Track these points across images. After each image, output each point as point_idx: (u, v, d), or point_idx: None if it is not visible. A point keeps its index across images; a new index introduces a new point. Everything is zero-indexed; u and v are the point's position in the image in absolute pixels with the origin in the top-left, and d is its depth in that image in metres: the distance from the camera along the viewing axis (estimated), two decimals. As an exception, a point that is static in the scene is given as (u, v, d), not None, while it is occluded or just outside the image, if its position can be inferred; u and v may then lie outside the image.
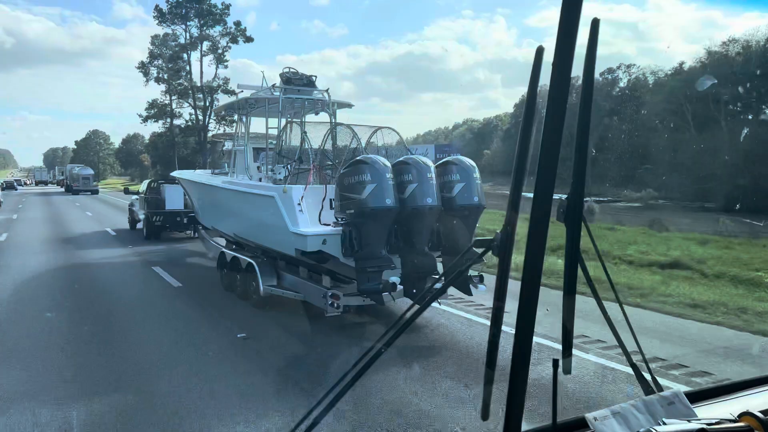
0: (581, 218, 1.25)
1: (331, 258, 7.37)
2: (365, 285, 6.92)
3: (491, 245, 1.21)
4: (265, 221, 8.53)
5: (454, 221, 7.46)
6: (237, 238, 10.41)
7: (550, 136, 1.18)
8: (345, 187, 6.97)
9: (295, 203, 7.65)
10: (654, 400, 1.22)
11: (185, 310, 9.29)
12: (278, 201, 7.85)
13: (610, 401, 4.91)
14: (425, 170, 7.14)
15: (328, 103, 9.92)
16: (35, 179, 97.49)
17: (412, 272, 7.23)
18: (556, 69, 1.16)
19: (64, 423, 4.91)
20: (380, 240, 6.97)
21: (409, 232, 7.17)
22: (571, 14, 1.16)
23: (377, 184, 6.77)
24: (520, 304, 1.19)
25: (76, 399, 5.32)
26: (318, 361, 6.54)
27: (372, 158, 7.11)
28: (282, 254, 8.57)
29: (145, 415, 5.02)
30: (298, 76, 9.73)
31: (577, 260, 1.27)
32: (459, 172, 7.48)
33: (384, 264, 6.94)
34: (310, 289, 8.02)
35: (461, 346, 7.08)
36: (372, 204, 6.74)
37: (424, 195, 7.01)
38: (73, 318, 8.64)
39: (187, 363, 6.46)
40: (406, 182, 7.07)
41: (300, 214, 7.63)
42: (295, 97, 9.61)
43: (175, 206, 17.26)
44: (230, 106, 12.05)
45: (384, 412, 4.93)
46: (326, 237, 7.31)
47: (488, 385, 1.25)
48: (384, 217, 6.86)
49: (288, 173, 8.71)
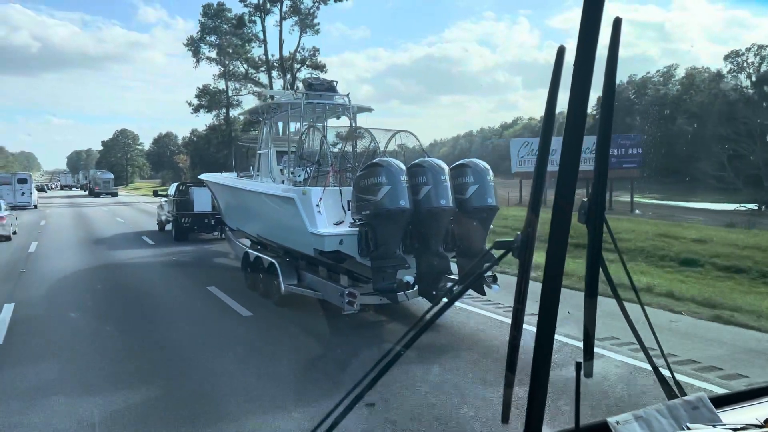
0: (603, 219, 1.19)
1: (348, 257, 7.34)
2: (380, 284, 6.88)
3: (512, 247, 1.15)
4: (286, 222, 8.53)
5: (469, 222, 7.38)
6: (260, 238, 10.42)
7: (571, 137, 1.11)
8: (361, 188, 6.93)
9: (313, 205, 7.63)
10: (678, 405, 1.14)
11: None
12: (298, 202, 7.83)
13: (633, 405, 4.60)
14: (439, 173, 7.08)
15: (348, 108, 9.91)
16: (60, 183, 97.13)
17: (426, 272, 7.18)
18: (577, 69, 1.10)
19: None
20: (395, 240, 6.92)
21: (424, 232, 7.11)
22: (592, 14, 1.09)
23: (392, 186, 6.72)
24: (541, 306, 1.13)
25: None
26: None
27: (387, 161, 7.07)
28: (302, 254, 8.55)
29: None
30: (320, 81, 9.75)
31: (599, 262, 1.20)
32: (473, 174, 7.41)
33: (399, 263, 6.89)
34: (329, 288, 7.99)
35: (480, 347, 6.83)
36: (387, 205, 6.69)
37: (438, 197, 6.95)
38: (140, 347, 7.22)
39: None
40: (421, 184, 7.01)
41: (318, 215, 7.61)
42: (317, 102, 9.62)
43: (203, 208, 17.21)
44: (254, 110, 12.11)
45: (402, 413, 4.76)
46: (343, 237, 7.28)
47: (508, 387, 1.19)
48: (398, 218, 6.81)
49: (308, 176, 8.71)
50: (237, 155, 13.00)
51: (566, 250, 1.13)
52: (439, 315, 1.20)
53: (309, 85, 9.66)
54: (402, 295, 7.30)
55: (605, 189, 1.20)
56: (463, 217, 7.33)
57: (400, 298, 7.40)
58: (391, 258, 6.86)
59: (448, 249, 7.42)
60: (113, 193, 58.75)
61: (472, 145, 71.69)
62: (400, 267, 6.92)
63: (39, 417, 4.78)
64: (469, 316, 8.03)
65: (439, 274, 7.23)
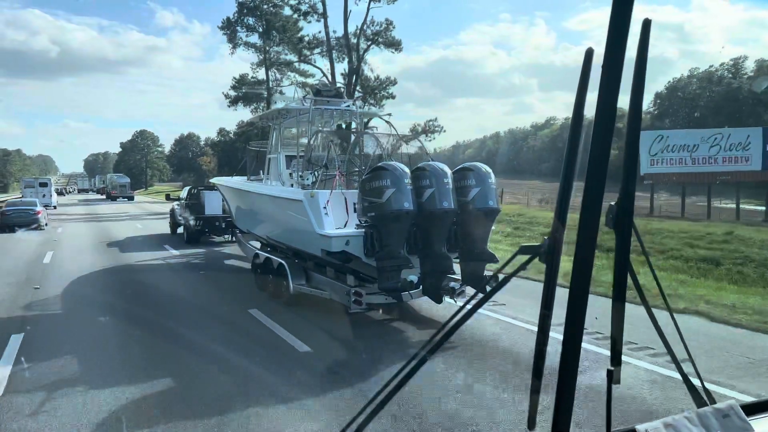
0: (631, 224, 1.13)
1: (355, 258, 7.31)
2: (385, 283, 6.87)
3: (538, 252, 1.09)
4: (294, 224, 8.50)
5: (471, 224, 7.36)
6: (270, 240, 10.38)
7: (599, 141, 1.06)
8: (366, 191, 6.93)
9: (321, 207, 7.61)
10: (708, 413, 1.08)
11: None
12: (306, 205, 7.81)
13: (662, 413, 4.08)
14: (442, 176, 7.07)
15: (356, 114, 9.90)
16: (77, 188, 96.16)
17: (430, 272, 7.15)
18: (605, 72, 1.04)
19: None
20: (399, 241, 6.89)
21: (427, 233, 7.08)
22: (621, 16, 1.04)
23: (396, 188, 6.72)
24: (568, 312, 1.07)
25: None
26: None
27: (392, 165, 7.07)
28: (310, 255, 8.52)
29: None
30: (328, 87, 9.78)
31: (627, 267, 1.14)
32: (475, 177, 7.39)
33: (403, 263, 6.87)
34: (336, 287, 7.96)
35: (505, 352, 6.56)
36: (391, 207, 6.69)
37: (441, 199, 6.94)
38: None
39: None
40: (425, 187, 7.00)
41: (325, 217, 7.60)
42: (324, 108, 9.60)
43: (214, 211, 17.12)
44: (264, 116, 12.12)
45: (426, 420, 4.60)
46: (349, 238, 7.28)
47: (535, 393, 1.13)
48: (402, 220, 6.80)
49: (315, 179, 8.69)
50: (248, 159, 12.97)
51: (594, 255, 1.07)
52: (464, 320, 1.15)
53: (317, 92, 9.74)
54: (406, 294, 7.28)
55: (634, 192, 1.14)
56: (466, 219, 7.30)
57: (405, 297, 7.39)
58: (396, 258, 6.83)
59: (451, 250, 7.39)
60: (129, 197, 59.14)
61: (500, 146, 68.06)
62: (404, 267, 6.90)
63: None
64: (494, 323, 7.76)
65: (442, 273, 7.20)
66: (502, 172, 59.49)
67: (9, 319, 8.26)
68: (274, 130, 10.79)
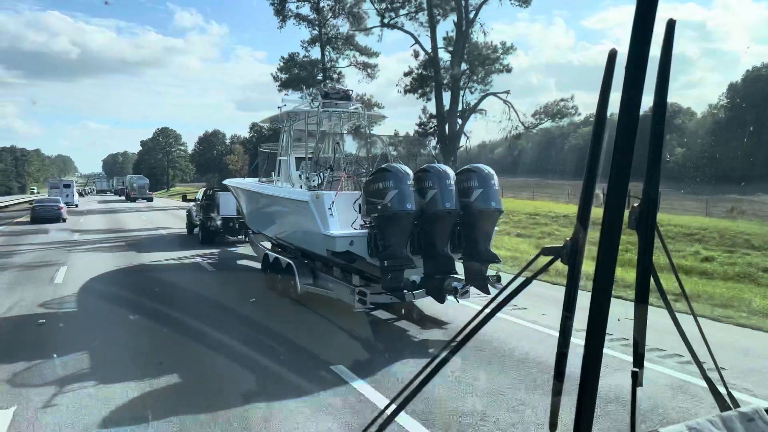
0: (654, 226, 1.08)
1: (359, 258, 7.26)
2: (389, 283, 6.80)
3: (561, 253, 1.04)
4: (301, 224, 8.47)
5: (474, 225, 7.31)
6: (279, 240, 10.35)
7: (623, 142, 1.01)
8: (370, 192, 6.88)
9: (326, 208, 7.57)
10: (732, 417, 1.03)
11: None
12: (312, 206, 7.78)
13: (686, 416, 3.93)
14: (445, 177, 7.01)
15: (363, 116, 9.85)
16: (96, 189, 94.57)
17: (433, 272, 7.09)
18: (629, 73, 1.00)
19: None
20: (402, 241, 6.84)
21: (430, 234, 7.02)
22: (646, 16, 0.99)
23: (399, 190, 6.67)
24: (591, 314, 1.02)
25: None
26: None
27: (395, 167, 7.01)
28: (316, 255, 8.48)
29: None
30: (335, 90, 9.72)
31: (650, 269, 1.09)
32: (477, 179, 7.32)
33: (406, 263, 6.81)
34: (341, 287, 7.91)
35: (525, 354, 6.42)
36: (394, 208, 6.63)
37: (443, 200, 6.88)
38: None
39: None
40: (427, 188, 6.95)
41: (331, 218, 7.55)
42: (332, 110, 9.55)
43: (229, 212, 16.99)
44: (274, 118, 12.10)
45: (447, 421, 4.50)
46: (353, 239, 7.22)
47: (556, 396, 1.08)
48: (405, 220, 6.75)
49: (322, 180, 8.65)
50: (259, 161, 12.93)
51: (617, 256, 1.02)
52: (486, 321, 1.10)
53: (325, 94, 9.67)
54: (409, 294, 7.21)
55: (657, 194, 1.09)
56: (468, 220, 7.24)
57: (408, 297, 7.32)
58: (399, 258, 6.78)
59: (454, 250, 7.33)
60: (148, 198, 58.70)
61: (530, 144, 62.90)
62: (407, 267, 6.84)
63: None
64: (513, 326, 7.65)
65: (445, 274, 7.13)
66: (534, 171, 55.23)
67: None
68: (284, 132, 10.76)
